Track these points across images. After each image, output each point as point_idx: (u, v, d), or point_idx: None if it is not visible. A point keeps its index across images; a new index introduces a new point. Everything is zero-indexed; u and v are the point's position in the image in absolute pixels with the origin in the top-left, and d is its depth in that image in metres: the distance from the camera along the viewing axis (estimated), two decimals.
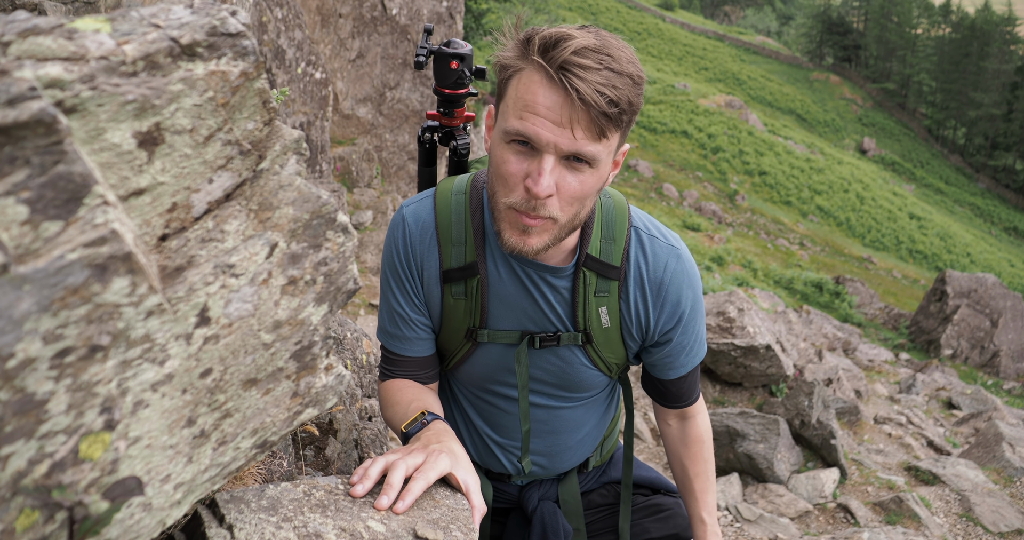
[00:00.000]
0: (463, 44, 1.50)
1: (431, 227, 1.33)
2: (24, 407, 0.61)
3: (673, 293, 1.34)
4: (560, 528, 1.50)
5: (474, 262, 1.31)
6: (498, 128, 1.17)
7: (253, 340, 0.82)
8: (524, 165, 1.13)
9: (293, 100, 5.86)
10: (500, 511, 1.62)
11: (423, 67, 1.48)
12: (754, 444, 4.50)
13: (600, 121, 1.07)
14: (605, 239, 1.31)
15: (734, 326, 5.37)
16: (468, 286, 1.33)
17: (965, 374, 12.67)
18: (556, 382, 1.42)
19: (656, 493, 1.63)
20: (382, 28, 8.25)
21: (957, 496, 4.67)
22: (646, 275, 1.33)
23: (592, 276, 1.31)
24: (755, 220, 27.37)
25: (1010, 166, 49.51)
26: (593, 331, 1.35)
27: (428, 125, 1.59)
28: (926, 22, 61.21)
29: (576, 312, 1.33)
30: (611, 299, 1.33)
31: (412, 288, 1.36)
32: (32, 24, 0.61)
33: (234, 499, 0.94)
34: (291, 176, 0.83)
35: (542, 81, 1.08)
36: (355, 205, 7.39)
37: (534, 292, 1.32)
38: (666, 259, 1.33)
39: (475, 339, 1.37)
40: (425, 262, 1.34)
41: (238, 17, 0.75)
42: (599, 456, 1.63)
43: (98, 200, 0.62)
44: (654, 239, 1.34)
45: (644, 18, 57.39)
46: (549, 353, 1.37)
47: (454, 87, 1.51)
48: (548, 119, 1.08)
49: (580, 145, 1.09)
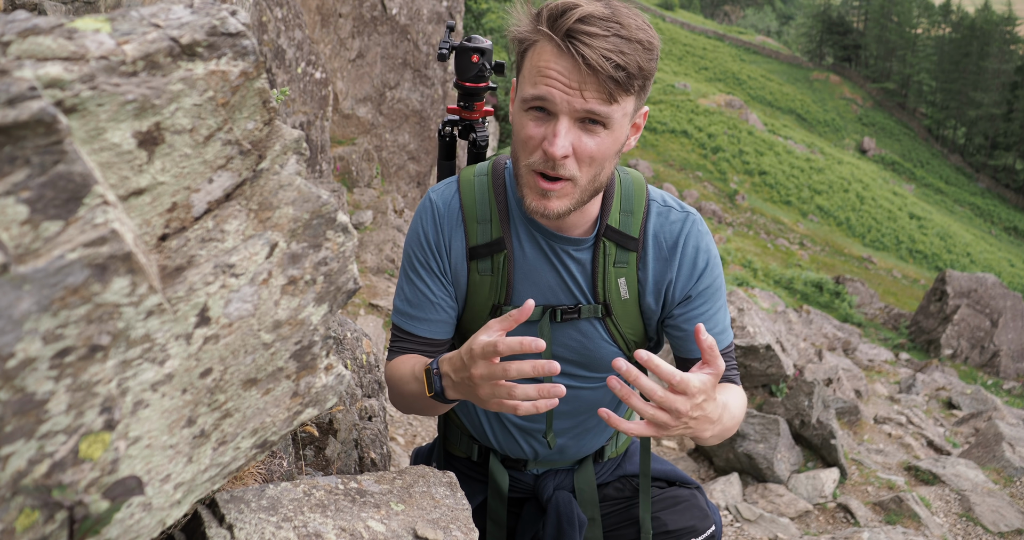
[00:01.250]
0: (483, 39, 1.57)
1: (456, 206, 1.39)
2: (24, 407, 0.61)
3: (690, 250, 1.39)
4: (575, 517, 1.51)
5: (500, 238, 1.37)
6: (517, 98, 1.23)
7: (253, 340, 0.82)
8: (541, 129, 1.19)
9: (293, 100, 5.87)
10: (515, 501, 1.63)
11: (446, 60, 1.54)
12: (754, 444, 4.50)
13: (609, 85, 1.13)
14: (624, 212, 1.37)
15: (734, 326, 5.37)
16: (495, 262, 1.38)
17: (965, 374, 12.67)
18: (577, 359, 1.45)
19: (671, 485, 1.64)
20: (382, 28, 8.25)
21: (957, 496, 4.67)
22: (663, 239, 1.39)
23: (612, 246, 1.37)
24: (755, 220, 27.37)
25: (1010, 166, 49.50)
26: (612, 303, 1.39)
27: (448, 119, 1.66)
28: (926, 22, 61.22)
29: (596, 283, 1.38)
30: (630, 270, 1.38)
31: (439, 268, 1.40)
32: (32, 24, 0.61)
33: (234, 499, 0.94)
34: (291, 176, 0.83)
35: (553, 50, 1.15)
36: (355, 205, 7.39)
37: (557, 265, 1.37)
38: (681, 222, 1.39)
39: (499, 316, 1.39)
40: (452, 240, 1.39)
41: (238, 17, 0.75)
42: (615, 446, 1.65)
43: (98, 200, 0.62)
44: (670, 209, 1.40)
45: None
46: (571, 327, 1.41)
47: (475, 81, 1.58)
48: (560, 82, 1.14)
49: (592, 105, 1.15)
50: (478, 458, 1.61)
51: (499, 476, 1.53)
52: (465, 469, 1.64)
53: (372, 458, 1.87)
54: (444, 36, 1.58)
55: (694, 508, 1.57)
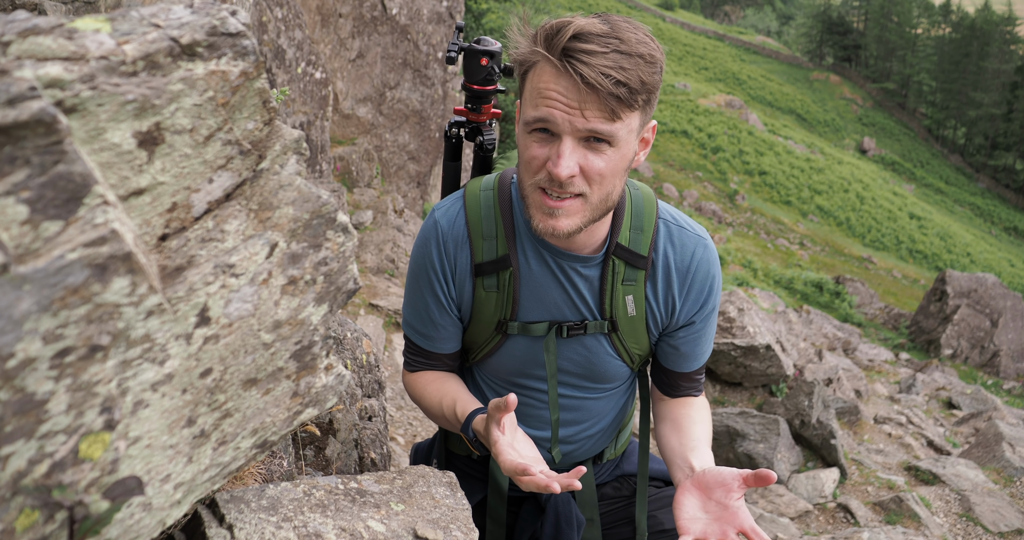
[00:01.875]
0: (493, 42, 1.54)
1: (462, 224, 1.39)
2: (24, 407, 0.61)
3: (700, 278, 1.39)
4: (573, 517, 1.51)
5: (506, 255, 1.36)
6: (521, 120, 1.22)
7: (253, 340, 0.82)
8: (545, 149, 1.18)
9: (293, 100, 5.86)
10: (514, 500, 1.63)
11: (454, 62, 1.52)
12: (754, 444, 4.50)
13: (610, 102, 1.11)
14: (634, 229, 1.36)
15: (734, 326, 5.37)
16: (500, 279, 1.37)
17: (965, 374, 12.67)
18: (582, 373, 1.45)
19: (669, 485, 1.64)
20: (382, 28, 8.24)
21: (957, 496, 4.67)
22: (673, 263, 1.38)
23: (621, 264, 1.36)
24: (755, 220, 27.37)
25: (1010, 166, 49.49)
26: (619, 319, 1.39)
27: (455, 120, 1.64)
28: (926, 22, 61.20)
29: (604, 300, 1.37)
30: (638, 288, 1.38)
31: (444, 290, 1.40)
32: (32, 24, 0.61)
33: (234, 499, 0.94)
34: (291, 176, 0.83)
35: (551, 70, 1.14)
36: (355, 205, 7.39)
37: (564, 282, 1.37)
38: (694, 247, 1.38)
39: (505, 331, 1.41)
40: (458, 258, 1.39)
41: (238, 17, 0.75)
42: (614, 448, 1.66)
43: (98, 200, 0.62)
44: (682, 229, 1.39)
45: (644, 18, 57.30)
46: (576, 343, 1.41)
47: (483, 83, 1.56)
48: (560, 102, 1.13)
49: (594, 124, 1.13)
50: (478, 457, 1.61)
51: (499, 475, 1.53)
52: (465, 467, 1.64)
53: (372, 458, 1.87)
54: (454, 37, 1.57)
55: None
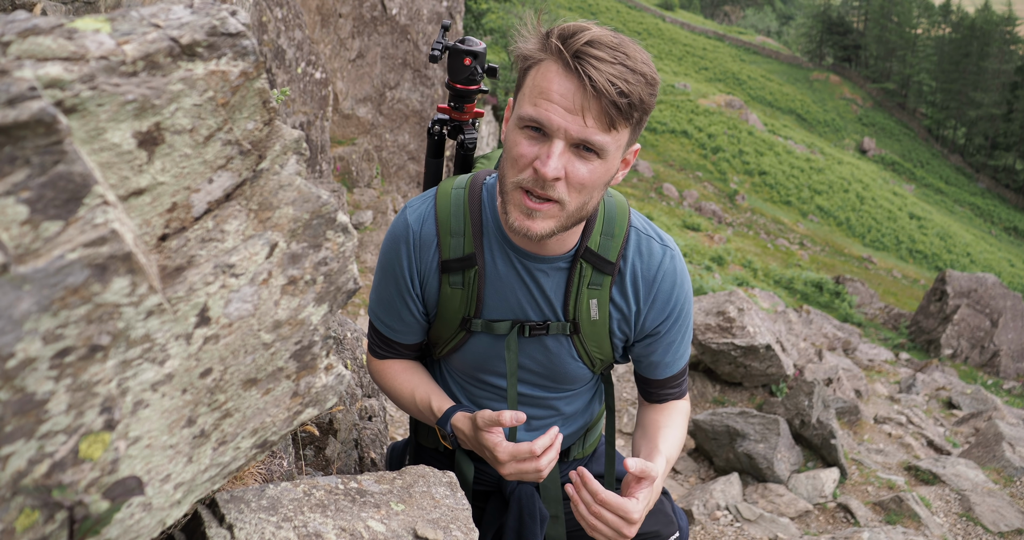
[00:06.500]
0: (477, 42, 1.56)
1: (432, 222, 1.39)
2: (24, 407, 0.61)
3: (665, 289, 1.40)
4: (536, 511, 1.52)
5: (472, 254, 1.37)
6: (514, 115, 1.22)
7: (253, 340, 0.82)
8: (535, 149, 1.18)
9: (293, 100, 5.86)
10: (480, 494, 1.64)
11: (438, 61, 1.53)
12: (754, 444, 4.50)
13: (610, 111, 1.12)
14: (605, 235, 1.37)
15: (734, 326, 5.36)
16: (466, 276, 1.39)
17: (965, 374, 12.67)
18: (543, 372, 1.47)
19: None
20: (382, 28, 8.24)
21: (957, 496, 4.67)
22: (640, 272, 1.39)
23: (588, 268, 1.37)
24: (755, 220, 27.36)
25: (1010, 166, 49.49)
26: (582, 322, 1.40)
27: (438, 118, 1.66)
28: (926, 22, 61.20)
29: (568, 301, 1.39)
30: (603, 293, 1.39)
31: (410, 289, 1.42)
32: (32, 24, 0.61)
33: (234, 499, 0.94)
34: (291, 176, 0.83)
35: (558, 70, 1.14)
36: (355, 205, 7.39)
37: (529, 282, 1.38)
38: (660, 257, 1.40)
39: (469, 328, 1.43)
40: (424, 256, 1.40)
41: (238, 17, 0.75)
42: (581, 448, 1.66)
43: (98, 200, 0.62)
44: (651, 239, 1.40)
45: (644, 18, 57.40)
46: (538, 342, 1.43)
47: (466, 83, 1.57)
48: (560, 105, 1.13)
49: (589, 133, 1.14)
50: (445, 449, 1.62)
51: (465, 467, 1.55)
52: (432, 460, 1.65)
53: (372, 458, 1.87)
54: (439, 36, 1.58)
55: (659, 513, 1.59)
